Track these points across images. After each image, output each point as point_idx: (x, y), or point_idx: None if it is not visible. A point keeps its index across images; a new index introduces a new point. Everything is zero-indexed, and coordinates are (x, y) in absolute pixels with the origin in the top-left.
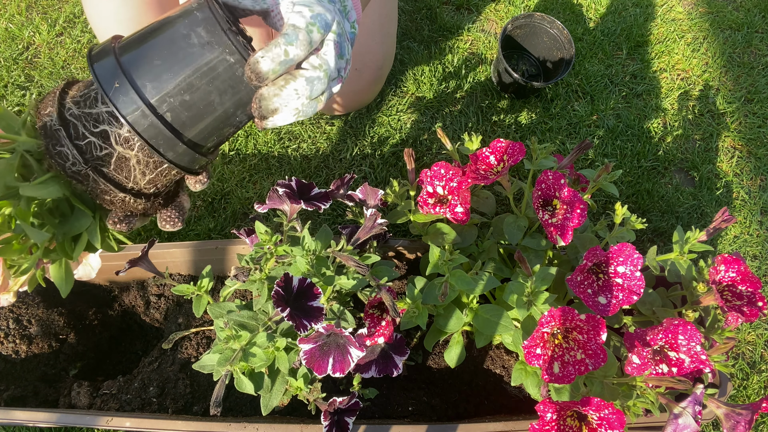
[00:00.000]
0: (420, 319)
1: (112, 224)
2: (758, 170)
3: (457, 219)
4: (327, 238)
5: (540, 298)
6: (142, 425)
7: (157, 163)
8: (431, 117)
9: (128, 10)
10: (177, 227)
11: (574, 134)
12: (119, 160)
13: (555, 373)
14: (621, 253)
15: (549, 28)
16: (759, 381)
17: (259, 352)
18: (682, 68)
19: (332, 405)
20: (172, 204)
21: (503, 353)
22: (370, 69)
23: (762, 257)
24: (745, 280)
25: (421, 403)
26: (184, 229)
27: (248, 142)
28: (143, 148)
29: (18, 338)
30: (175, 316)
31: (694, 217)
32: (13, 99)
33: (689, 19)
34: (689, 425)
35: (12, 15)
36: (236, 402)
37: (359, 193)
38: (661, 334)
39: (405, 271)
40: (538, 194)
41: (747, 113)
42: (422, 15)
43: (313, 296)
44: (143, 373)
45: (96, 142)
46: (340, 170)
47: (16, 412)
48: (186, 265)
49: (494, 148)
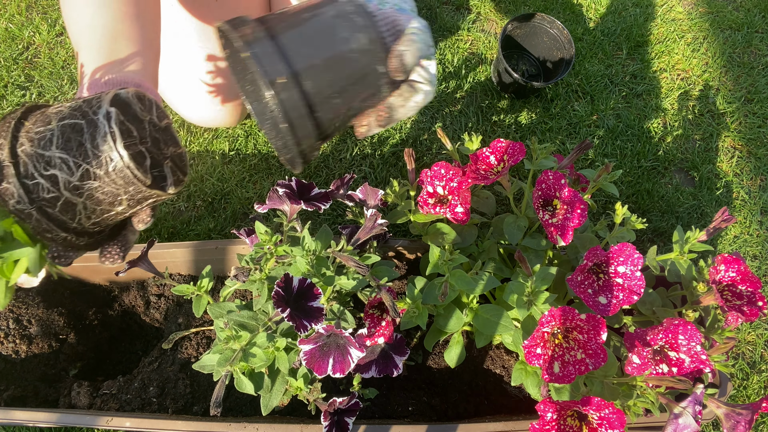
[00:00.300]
0: (420, 319)
1: (50, 258)
2: (758, 170)
3: (457, 219)
4: (327, 238)
5: (540, 298)
6: (142, 425)
7: (105, 210)
8: (431, 117)
9: (103, 18)
10: (116, 263)
11: (574, 134)
12: (66, 204)
13: (555, 372)
14: (621, 253)
15: (549, 28)
16: (759, 381)
17: (259, 353)
18: (682, 68)
19: (332, 405)
20: (116, 238)
21: (503, 353)
22: None
23: (762, 257)
24: (745, 280)
25: (421, 403)
26: (184, 228)
27: (248, 142)
28: (91, 197)
29: (18, 338)
30: (175, 316)
31: (694, 217)
32: (13, 99)
33: (689, 19)
34: (689, 425)
35: (12, 15)
36: (236, 402)
37: (359, 193)
38: (661, 334)
39: (405, 271)
40: (538, 194)
41: (747, 113)
42: (422, 15)
43: (313, 296)
44: (143, 373)
45: (44, 184)
46: (340, 170)
47: (16, 412)
48: (186, 265)
49: (494, 148)
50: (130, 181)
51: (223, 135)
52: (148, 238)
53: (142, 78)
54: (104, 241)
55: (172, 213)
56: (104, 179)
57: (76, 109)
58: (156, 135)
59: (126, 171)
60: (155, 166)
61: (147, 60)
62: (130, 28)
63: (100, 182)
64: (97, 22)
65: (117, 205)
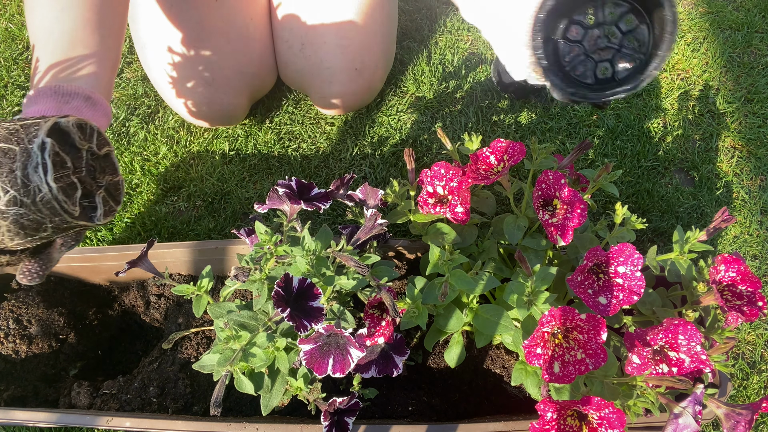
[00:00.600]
0: (420, 319)
1: None
2: (758, 170)
3: (457, 219)
4: (327, 238)
5: (540, 298)
6: (142, 425)
7: (29, 234)
8: (431, 117)
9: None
10: (33, 282)
11: (574, 134)
12: None
13: (555, 372)
14: (621, 253)
15: None
16: (759, 381)
17: (259, 352)
18: (682, 68)
19: (332, 405)
20: (40, 254)
21: (503, 353)
22: (370, 69)
23: (762, 257)
24: (745, 280)
25: (421, 403)
26: (184, 228)
27: (248, 142)
28: (16, 222)
29: (18, 338)
30: (175, 316)
31: (694, 217)
32: (13, 99)
33: (689, 19)
34: (689, 425)
35: (12, 15)
36: (236, 402)
37: (359, 193)
38: (661, 334)
39: (405, 271)
40: (538, 194)
41: (747, 113)
42: (422, 15)
43: (313, 296)
44: (143, 373)
45: None
46: (340, 170)
47: (16, 412)
48: (186, 265)
49: (494, 148)
50: (56, 212)
51: (223, 135)
52: (148, 237)
53: (93, 89)
54: (26, 258)
55: (172, 213)
56: (31, 208)
57: (12, 133)
58: (93, 164)
59: (53, 203)
60: (87, 195)
61: (102, 69)
62: (91, 36)
63: (26, 209)
64: (56, 27)
65: (42, 231)
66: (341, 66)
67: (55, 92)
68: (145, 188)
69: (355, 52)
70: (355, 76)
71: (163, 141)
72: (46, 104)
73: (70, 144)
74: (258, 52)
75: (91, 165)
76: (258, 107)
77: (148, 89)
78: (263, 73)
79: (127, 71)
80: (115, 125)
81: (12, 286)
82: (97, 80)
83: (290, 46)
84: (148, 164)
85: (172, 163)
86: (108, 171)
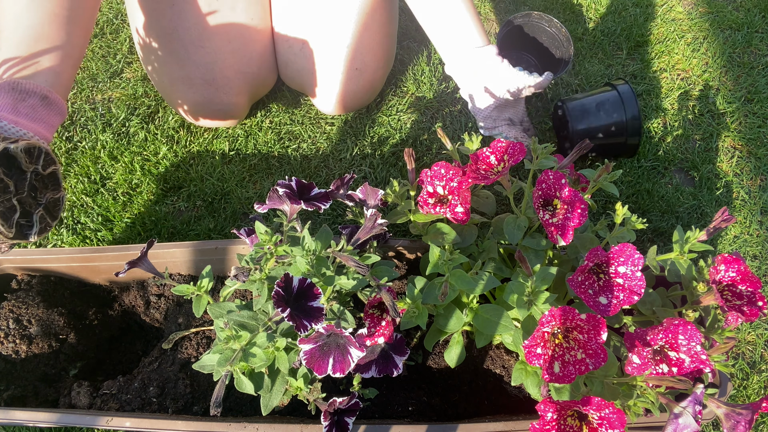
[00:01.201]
0: (420, 319)
1: None
2: (758, 170)
3: (458, 219)
4: (327, 238)
5: (540, 298)
6: (142, 425)
7: None
8: (431, 117)
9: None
10: None
11: None
12: None
13: (555, 372)
14: (622, 253)
15: (547, 27)
16: (759, 381)
17: (259, 352)
18: (682, 68)
19: (332, 405)
20: None
21: (503, 353)
22: (370, 69)
23: (762, 257)
24: (745, 280)
25: (421, 403)
26: (184, 228)
27: (248, 142)
28: None
29: (18, 338)
30: (175, 316)
31: (694, 217)
32: None
33: (689, 19)
34: (689, 425)
35: None
36: (236, 402)
37: (359, 193)
38: (661, 334)
39: (405, 271)
40: (538, 194)
41: (747, 113)
42: None
43: (313, 296)
44: (143, 373)
45: None
46: (340, 170)
47: (16, 412)
48: (186, 265)
49: (494, 147)
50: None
51: (223, 135)
52: (149, 237)
53: (52, 86)
54: None
55: (172, 213)
56: None
57: None
58: (36, 183)
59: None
60: (25, 215)
61: (64, 66)
62: (57, 32)
63: None
64: (24, 19)
65: None
66: (342, 66)
67: (12, 89)
68: (145, 188)
69: (356, 52)
70: (355, 76)
71: (163, 141)
72: (3, 100)
73: (16, 167)
74: (258, 51)
75: (33, 185)
76: (258, 107)
77: (148, 89)
78: (263, 73)
79: (127, 71)
80: (115, 125)
81: (12, 286)
82: (56, 77)
83: (290, 46)
84: (148, 164)
85: (172, 163)
86: (51, 187)
